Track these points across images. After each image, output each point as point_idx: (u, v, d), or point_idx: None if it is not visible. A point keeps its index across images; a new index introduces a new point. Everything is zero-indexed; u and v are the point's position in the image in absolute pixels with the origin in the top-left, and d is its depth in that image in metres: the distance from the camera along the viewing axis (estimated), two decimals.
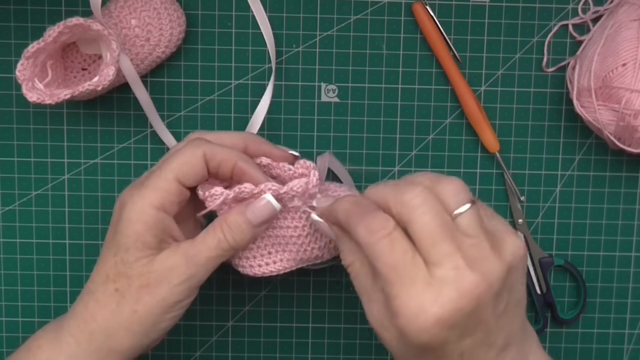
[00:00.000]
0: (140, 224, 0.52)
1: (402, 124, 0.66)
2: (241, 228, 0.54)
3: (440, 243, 0.47)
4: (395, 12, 0.65)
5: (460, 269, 0.46)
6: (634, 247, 0.68)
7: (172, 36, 0.63)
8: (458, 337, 0.47)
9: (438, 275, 0.46)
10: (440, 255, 0.46)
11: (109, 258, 0.53)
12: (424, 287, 0.46)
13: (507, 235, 0.49)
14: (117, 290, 0.53)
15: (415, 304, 0.46)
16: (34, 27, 0.64)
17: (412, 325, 0.46)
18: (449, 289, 0.46)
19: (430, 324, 0.46)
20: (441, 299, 0.46)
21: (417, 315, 0.46)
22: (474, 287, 0.46)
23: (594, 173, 0.67)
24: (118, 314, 0.53)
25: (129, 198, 0.53)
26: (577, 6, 0.65)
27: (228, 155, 0.54)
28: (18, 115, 0.65)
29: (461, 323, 0.46)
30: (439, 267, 0.46)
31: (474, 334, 0.48)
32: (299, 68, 0.65)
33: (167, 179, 0.53)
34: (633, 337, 0.68)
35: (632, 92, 0.58)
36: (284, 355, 0.68)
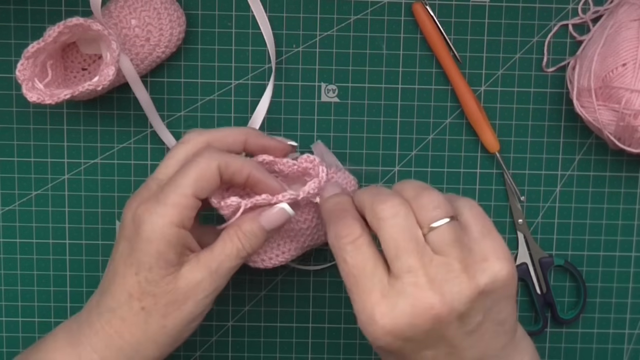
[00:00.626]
0: (163, 244, 0.51)
1: (402, 124, 0.66)
2: (256, 235, 0.54)
3: (403, 256, 0.47)
4: (395, 12, 0.65)
5: (419, 286, 0.47)
6: (634, 247, 0.68)
7: (172, 36, 0.63)
8: (416, 348, 0.48)
9: (397, 288, 0.47)
10: (402, 268, 0.47)
11: (130, 277, 0.52)
12: (379, 297, 0.47)
13: (493, 258, 0.48)
14: (144, 309, 0.52)
15: (369, 312, 0.47)
16: (34, 27, 0.64)
17: (366, 331, 0.48)
18: (404, 304, 0.47)
19: (381, 334, 0.47)
20: (394, 312, 0.47)
21: (369, 323, 0.47)
22: (430, 307, 0.46)
23: (594, 173, 0.67)
24: (146, 330, 0.53)
25: (146, 215, 0.52)
26: (577, 6, 0.65)
27: (242, 165, 0.53)
28: (18, 115, 0.65)
29: (417, 337, 0.47)
30: (399, 280, 0.47)
31: (436, 348, 0.48)
32: (299, 68, 0.65)
33: (185, 195, 0.52)
34: (633, 337, 0.68)
35: (632, 92, 0.58)
36: (284, 355, 0.68)
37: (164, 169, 0.55)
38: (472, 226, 0.49)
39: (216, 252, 0.53)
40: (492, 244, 0.49)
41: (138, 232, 0.52)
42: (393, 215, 0.48)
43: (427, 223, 0.48)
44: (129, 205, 0.54)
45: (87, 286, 0.67)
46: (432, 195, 0.49)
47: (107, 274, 0.54)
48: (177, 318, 0.53)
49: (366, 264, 0.48)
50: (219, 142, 0.55)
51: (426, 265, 0.47)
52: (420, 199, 0.49)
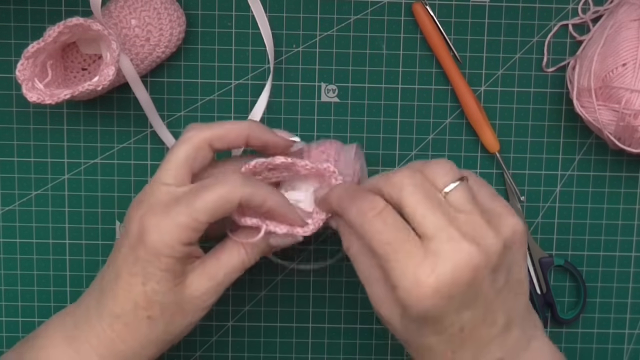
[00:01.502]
0: (171, 260, 0.51)
1: (402, 124, 0.66)
2: (262, 249, 0.55)
3: (432, 216, 0.48)
4: (395, 12, 0.65)
5: (455, 240, 0.47)
6: (634, 247, 0.68)
7: (172, 36, 0.63)
8: (457, 309, 0.48)
9: (433, 247, 0.47)
10: (434, 228, 0.47)
11: (136, 286, 0.52)
12: (420, 259, 0.47)
13: (506, 214, 0.50)
14: (150, 317, 0.53)
15: (412, 276, 0.47)
16: (34, 27, 0.64)
17: (411, 296, 0.47)
18: (445, 260, 0.47)
19: (428, 294, 0.47)
20: (437, 269, 0.47)
21: (414, 287, 0.47)
22: (470, 258, 0.47)
23: (594, 173, 0.67)
24: (149, 335, 0.53)
25: (155, 230, 0.51)
26: (577, 6, 0.65)
27: (264, 199, 0.52)
28: (18, 115, 0.65)
29: (459, 294, 0.47)
30: (433, 239, 0.47)
31: (473, 307, 0.48)
32: (299, 68, 0.65)
33: (199, 221, 0.51)
34: (633, 337, 0.68)
35: (632, 92, 0.59)
36: (284, 355, 0.68)
37: (167, 172, 0.53)
38: (479, 190, 0.51)
39: (222, 262, 0.54)
40: (501, 204, 0.51)
41: (145, 243, 0.51)
42: (410, 182, 0.49)
43: (441, 188, 0.49)
44: (135, 212, 0.53)
45: (87, 286, 0.66)
46: (440, 163, 0.51)
47: (108, 276, 0.54)
48: (182, 324, 0.54)
49: (399, 231, 0.48)
50: (221, 141, 0.54)
51: (454, 222, 0.48)
52: (429, 168, 0.50)
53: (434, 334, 0.49)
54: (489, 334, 0.50)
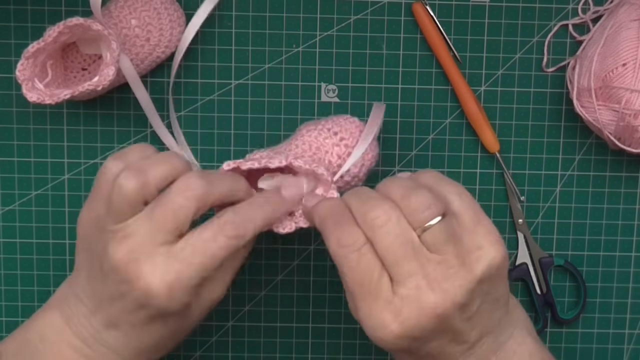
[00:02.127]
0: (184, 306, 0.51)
1: (402, 124, 0.66)
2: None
3: (402, 262, 0.48)
4: (395, 12, 0.65)
5: (422, 289, 0.48)
6: (634, 247, 0.68)
7: (172, 36, 0.63)
8: (423, 343, 0.49)
9: (400, 293, 0.48)
10: (403, 274, 0.48)
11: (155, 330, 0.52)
12: (385, 304, 0.48)
13: (487, 245, 0.49)
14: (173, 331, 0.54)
15: (377, 319, 0.48)
16: (34, 27, 0.64)
17: (375, 336, 0.49)
18: (410, 308, 0.48)
19: (391, 337, 0.48)
20: (401, 317, 0.48)
21: (377, 329, 0.48)
22: (434, 307, 0.47)
23: (594, 173, 0.67)
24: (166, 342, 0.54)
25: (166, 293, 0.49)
26: (577, 6, 0.65)
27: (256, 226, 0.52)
28: (18, 115, 0.65)
29: (424, 335, 0.48)
30: (402, 286, 0.48)
31: (441, 338, 0.49)
32: (299, 68, 0.65)
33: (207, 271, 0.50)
34: (633, 337, 0.68)
35: (632, 92, 0.59)
36: (284, 355, 0.68)
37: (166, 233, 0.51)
38: (463, 215, 0.50)
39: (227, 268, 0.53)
40: (483, 231, 0.49)
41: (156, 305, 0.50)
42: (386, 222, 0.48)
43: (419, 224, 0.49)
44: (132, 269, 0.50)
45: None
46: (422, 196, 0.49)
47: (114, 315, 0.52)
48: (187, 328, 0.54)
49: (372, 273, 0.48)
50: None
51: (425, 267, 0.48)
52: (410, 201, 0.49)
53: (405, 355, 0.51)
54: (459, 350, 0.50)
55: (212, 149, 0.66)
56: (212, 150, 0.66)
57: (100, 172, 0.52)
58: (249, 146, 0.66)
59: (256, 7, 0.65)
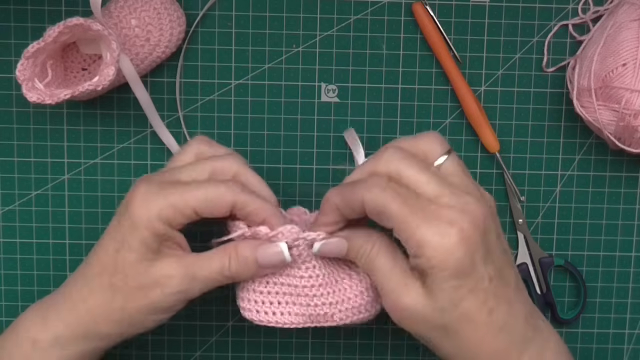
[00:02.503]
0: (147, 232, 0.52)
1: (402, 124, 0.66)
2: (247, 264, 0.54)
3: (433, 180, 0.51)
4: (395, 12, 0.65)
5: (460, 195, 0.50)
6: (634, 247, 0.68)
7: (172, 36, 0.63)
8: (482, 258, 0.50)
9: (445, 202, 0.50)
10: (437, 189, 0.50)
11: (110, 252, 0.54)
12: (436, 214, 0.49)
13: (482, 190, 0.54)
14: (112, 285, 0.53)
15: (437, 229, 0.49)
16: (34, 27, 0.64)
17: (441, 249, 0.49)
18: (458, 210, 0.49)
19: (456, 241, 0.49)
20: (456, 219, 0.49)
21: (442, 237, 0.49)
22: (477, 207, 0.50)
23: (594, 173, 0.67)
24: (109, 306, 0.54)
25: (141, 201, 0.53)
26: (577, 6, 0.65)
27: (259, 209, 0.54)
28: (18, 115, 0.65)
29: (480, 241, 0.49)
30: (442, 197, 0.50)
31: (491, 261, 0.51)
32: (299, 68, 0.65)
33: (185, 204, 0.52)
34: (633, 337, 0.68)
35: (632, 92, 0.59)
36: (284, 355, 0.68)
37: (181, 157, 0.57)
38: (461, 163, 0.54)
39: (202, 258, 0.54)
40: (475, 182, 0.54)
41: (128, 212, 0.53)
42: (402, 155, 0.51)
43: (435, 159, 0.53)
44: (138, 182, 0.54)
45: None
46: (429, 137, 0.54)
47: (94, 246, 0.56)
48: (139, 304, 0.54)
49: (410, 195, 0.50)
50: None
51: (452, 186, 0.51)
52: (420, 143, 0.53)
53: (469, 293, 0.50)
54: (510, 292, 0.52)
55: None
56: None
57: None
58: (249, 146, 0.66)
59: (256, 7, 0.65)
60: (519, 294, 0.53)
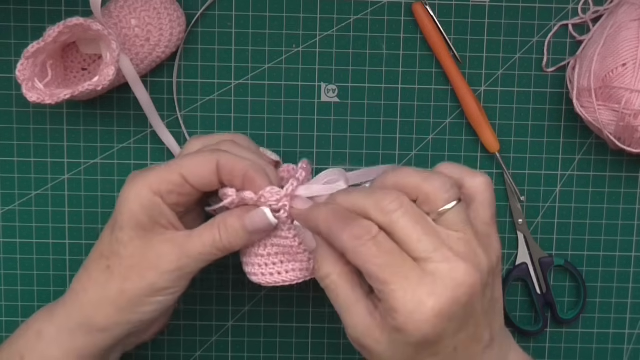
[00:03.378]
0: (136, 204, 0.53)
1: (402, 124, 0.66)
2: (237, 232, 0.54)
3: (425, 238, 0.47)
4: (395, 12, 0.65)
5: (451, 260, 0.47)
6: (634, 247, 0.68)
7: (172, 36, 0.63)
8: (454, 330, 0.48)
9: (430, 268, 0.47)
10: (428, 249, 0.47)
11: (105, 237, 0.55)
12: (418, 281, 0.47)
13: (494, 240, 0.51)
14: (109, 267, 0.54)
15: (413, 298, 0.46)
16: (34, 27, 0.64)
17: (412, 319, 0.46)
18: (444, 280, 0.47)
19: (430, 316, 0.46)
20: (437, 290, 0.46)
21: (416, 309, 0.46)
22: (467, 277, 0.47)
23: (594, 173, 0.67)
24: (107, 290, 0.54)
25: (131, 179, 0.54)
26: (577, 6, 0.65)
27: (240, 164, 0.53)
28: (18, 115, 0.65)
29: (457, 314, 0.47)
30: (430, 261, 0.47)
31: (467, 326, 0.48)
32: (299, 68, 0.65)
33: (171, 171, 0.53)
34: (633, 337, 0.68)
35: (632, 92, 0.59)
36: (284, 355, 0.68)
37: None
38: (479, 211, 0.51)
39: (194, 234, 0.54)
40: (493, 229, 0.51)
41: (121, 195, 0.54)
42: (400, 205, 0.48)
43: (439, 206, 0.49)
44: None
45: None
46: (440, 180, 0.49)
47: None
48: (137, 284, 0.53)
49: (395, 254, 0.47)
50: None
51: (447, 242, 0.48)
52: (429, 185, 0.49)
53: (429, 357, 0.49)
54: (476, 351, 0.50)
55: None
56: None
57: None
58: None
59: (256, 7, 0.65)
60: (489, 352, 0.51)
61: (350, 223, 0.49)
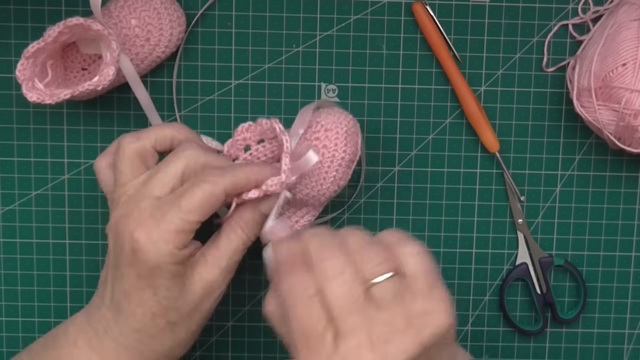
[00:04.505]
0: (173, 267, 0.52)
1: (402, 124, 0.66)
2: (257, 222, 0.55)
3: (347, 316, 0.46)
4: (395, 12, 0.65)
5: (362, 348, 0.46)
6: (634, 247, 0.68)
7: (172, 36, 0.63)
8: None
9: (341, 350, 0.46)
10: (346, 328, 0.46)
11: (148, 299, 0.52)
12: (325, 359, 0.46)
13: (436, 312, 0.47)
14: (169, 322, 0.53)
15: None
16: (34, 27, 0.64)
17: None
18: None
19: None
20: None
21: None
22: None
23: (594, 173, 0.67)
24: (175, 339, 0.54)
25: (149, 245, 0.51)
26: (577, 6, 0.65)
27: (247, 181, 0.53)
28: (18, 115, 0.65)
29: None
30: (343, 341, 0.46)
31: None
32: (299, 68, 0.65)
33: (190, 222, 0.52)
34: (633, 337, 0.68)
35: (632, 92, 0.59)
36: (284, 355, 0.68)
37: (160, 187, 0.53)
38: (417, 278, 0.48)
39: (222, 248, 0.54)
40: (437, 297, 0.48)
41: (142, 260, 0.51)
42: (338, 273, 0.47)
43: (370, 277, 0.47)
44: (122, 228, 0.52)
45: (87, 286, 0.67)
46: (374, 251, 0.48)
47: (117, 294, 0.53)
48: (200, 318, 0.55)
49: (318, 325, 0.47)
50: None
51: (370, 324, 0.46)
52: (362, 254, 0.48)
53: None
54: None
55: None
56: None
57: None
58: None
59: (256, 7, 0.65)
60: None
61: (294, 273, 0.48)
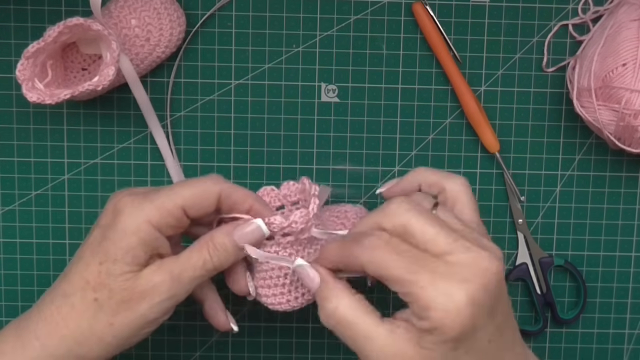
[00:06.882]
0: (135, 238, 0.51)
1: (402, 124, 0.66)
2: (227, 249, 0.53)
3: (443, 233, 0.47)
4: (395, 12, 0.65)
5: (473, 250, 0.46)
6: (634, 247, 0.68)
7: (172, 36, 0.63)
8: (486, 320, 0.47)
9: (453, 260, 0.46)
10: (447, 243, 0.47)
11: (93, 265, 0.51)
12: (445, 274, 0.46)
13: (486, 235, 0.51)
14: (96, 300, 0.51)
15: (444, 291, 0.45)
16: (34, 27, 0.64)
17: (447, 313, 0.45)
18: (471, 269, 0.46)
19: (464, 306, 0.45)
20: (466, 280, 0.45)
21: (449, 301, 0.45)
22: (491, 264, 0.46)
23: (594, 173, 0.67)
24: (94, 324, 0.51)
25: (127, 207, 0.51)
26: (577, 6, 0.65)
27: (244, 197, 0.53)
28: (18, 115, 0.65)
29: (488, 303, 0.46)
30: (452, 253, 0.46)
31: (496, 317, 0.47)
32: (299, 68, 0.65)
33: (174, 203, 0.52)
34: (633, 337, 0.68)
35: (632, 92, 0.59)
36: (284, 355, 0.68)
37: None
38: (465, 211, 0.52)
39: (182, 259, 0.52)
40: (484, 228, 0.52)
41: (115, 221, 0.51)
42: (409, 207, 0.48)
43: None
44: (116, 194, 0.53)
45: None
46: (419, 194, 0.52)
47: (72, 260, 0.54)
48: (127, 318, 0.51)
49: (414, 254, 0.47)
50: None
51: (463, 235, 0.47)
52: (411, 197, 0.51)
53: (464, 354, 0.47)
54: (505, 348, 0.49)
55: (212, 149, 0.66)
56: (212, 150, 0.66)
57: None
58: (249, 146, 0.66)
59: (256, 7, 0.65)
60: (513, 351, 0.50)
61: (361, 239, 0.48)
